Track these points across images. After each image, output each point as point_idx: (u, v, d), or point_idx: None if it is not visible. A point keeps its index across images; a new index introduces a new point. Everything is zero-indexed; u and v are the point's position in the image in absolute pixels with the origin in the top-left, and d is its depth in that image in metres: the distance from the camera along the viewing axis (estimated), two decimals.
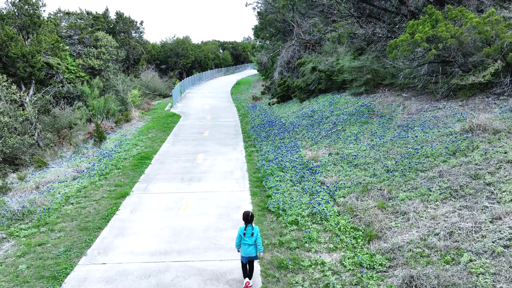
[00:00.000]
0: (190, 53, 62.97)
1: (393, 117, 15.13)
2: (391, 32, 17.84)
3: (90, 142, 20.85)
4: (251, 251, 7.00)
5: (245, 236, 7.00)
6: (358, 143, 13.87)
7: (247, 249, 7.01)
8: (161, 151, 17.67)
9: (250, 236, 6.99)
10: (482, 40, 12.72)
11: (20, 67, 21.74)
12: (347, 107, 18.45)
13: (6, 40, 20.91)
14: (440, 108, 14.18)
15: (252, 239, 6.99)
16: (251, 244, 7.00)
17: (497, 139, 10.59)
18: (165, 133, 21.75)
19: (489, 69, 12.67)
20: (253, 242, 7.00)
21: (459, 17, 13.49)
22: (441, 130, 12.17)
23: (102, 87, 34.47)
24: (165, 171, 14.77)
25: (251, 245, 7.00)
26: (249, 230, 7.02)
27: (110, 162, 15.96)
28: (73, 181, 13.98)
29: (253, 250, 7.02)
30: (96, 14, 37.63)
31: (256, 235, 7.02)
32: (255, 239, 6.99)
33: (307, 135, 16.96)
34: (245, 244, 7.02)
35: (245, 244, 7.02)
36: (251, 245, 7.00)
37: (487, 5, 18.26)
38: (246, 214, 7.10)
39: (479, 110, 12.91)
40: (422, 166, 10.51)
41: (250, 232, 7.00)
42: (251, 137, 19.74)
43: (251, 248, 7.00)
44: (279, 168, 13.80)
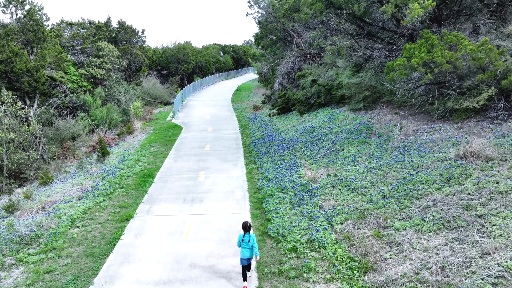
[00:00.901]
0: (191, 59, 63.36)
1: (390, 137, 15.48)
2: (389, 50, 18.19)
3: (94, 156, 21.22)
4: (249, 254, 8.51)
5: (244, 242, 8.49)
6: (356, 164, 14.22)
7: (245, 252, 8.49)
8: (164, 168, 18.03)
9: (247, 242, 8.47)
10: (477, 66, 13.07)
11: (24, 82, 22.13)
12: (345, 124, 18.80)
13: (11, 56, 21.30)
14: (436, 129, 14.52)
15: (250, 244, 8.47)
16: (249, 249, 8.49)
17: (490, 167, 10.94)
18: (167, 147, 22.12)
19: (483, 94, 13.02)
20: (250, 247, 8.50)
21: (454, 42, 13.84)
22: (436, 155, 12.52)
23: (104, 97, 34.87)
24: (167, 190, 15.13)
25: (249, 249, 8.50)
26: (247, 237, 8.50)
27: (113, 180, 16.33)
28: (78, 201, 14.35)
29: (251, 253, 8.53)
30: (98, 24, 38.04)
31: (253, 241, 8.48)
32: (251, 245, 8.47)
33: (307, 153, 17.31)
34: (244, 248, 8.50)
35: (244, 248, 8.50)
36: (249, 249, 8.49)
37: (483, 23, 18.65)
38: (244, 224, 8.56)
39: (473, 134, 13.26)
40: (417, 193, 10.85)
41: (247, 239, 8.48)
42: (252, 152, 20.09)
43: (249, 251, 8.51)
44: (279, 188, 14.15)
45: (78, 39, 34.09)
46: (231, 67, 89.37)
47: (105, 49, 35.33)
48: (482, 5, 18.89)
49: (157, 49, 66.66)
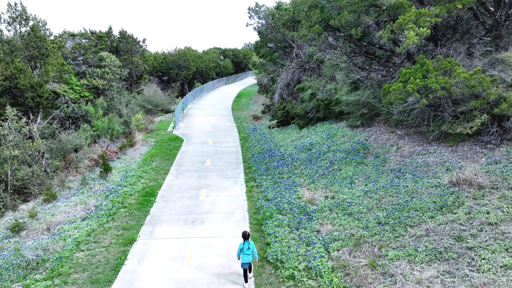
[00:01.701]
0: (191, 64, 63.76)
1: (386, 158, 15.84)
2: (386, 70, 18.54)
3: (96, 171, 21.59)
4: (249, 259, 10.07)
5: (244, 249, 10.00)
6: (353, 187, 14.59)
7: (245, 257, 10.03)
8: (165, 186, 18.40)
9: (247, 249, 10.02)
10: (470, 93, 13.43)
11: (28, 97, 22.52)
12: (343, 142, 19.17)
13: (16, 73, 21.69)
14: (431, 152, 14.89)
15: (249, 251, 10.05)
16: (249, 254, 10.03)
17: (481, 196, 11.31)
18: (169, 162, 22.49)
19: (476, 121, 13.39)
20: (250, 253, 10.07)
21: (449, 68, 14.20)
22: (430, 181, 12.89)
23: (106, 107, 35.26)
24: (169, 210, 15.50)
25: (249, 255, 10.04)
26: (247, 245, 10.04)
27: (116, 199, 16.70)
28: (82, 222, 14.73)
29: (250, 258, 10.08)
30: (100, 33, 38.44)
31: (252, 247, 10.07)
32: (251, 251, 10.06)
33: (305, 171, 17.68)
34: (244, 254, 10.02)
35: (244, 254, 10.02)
36: (248, 255, 10.03)
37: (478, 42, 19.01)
38: (244, 233, 10.16)
39: (467, 159, 13.63)
40: (411, 221, 11.23)
41: (247, 246, 10.03)
42: (252, 168, 20.46)
43: (249, 257, 10.05)
44: (278, 210, 14.52)
45: (80, 49, 34.49)
46: (232, 71, 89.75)
47: (106, 59, 35.73)
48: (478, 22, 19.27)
49: (158, 54, 67.03)
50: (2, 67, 21.51)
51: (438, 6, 15.92)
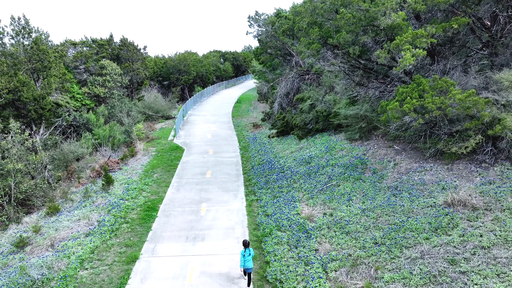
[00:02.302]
0: (192, 69, 64.05)
1: (384, 175, 16.15)
2: (384, 84, 18.84)
3: (98, 183, 21.89)
4: (250, 264, 11.35)
5: (245, 257, 11.27)
6: (350, 204, 14.89)
7: (247, 263, 11.32)
8: (166, 200, 18.70)
9: (248, 255, 11.29)
10: (465, 114, 13.74)
11: (31, 109, 22.82)
12: (342, 156, 19.47)
13: (19, 86, 21.99)
14: (427, 170, 15.20)
15: (250, 257, 11.31)
16: (250, 260, 11.30)
17: (475, 217, 11.62)
18: (170, 173, 22.79)
19: (471, 141, 13.70)
20: (250, 259, 11.35)
21: (445, 88, 14.51)
22: (426, 200, 13.20)
23: (107, 115, 35.54)
24: (170, 226, 15.81)
25: (250, 260, 11.33)
26: (248, 251, 11.35)
27: (119, 214, 17.01)
28: (85, 238, 15.03)
29: (251, 264, 11.39)
30: (101, 41, 38.76)
31: (252, 254, 11.39)
32: (252, 256, 11.38)
33: (304, 186, 17.98)
34: (246, 261, 11.29)
35: (245, 261, 11.29)
36: (249, 261, 11.29)
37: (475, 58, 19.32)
38: (244, 242, 11.48)
39: (462, 178, 13.94)
40: (407, 242, 11.53)
41: (248, 253, 11.33)
42: (252, 181, 20.76)
43: (249, 262, 11.33)
44: (277, 226, 14.82)
45: (81, 58, 34.80)
46: (231, 75, 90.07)
47: (108, 67, 36.04)
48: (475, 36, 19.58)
49: (158, 58, 67.27)
50: (5, 80, 21.82)
51: (434, 25, 16.25)
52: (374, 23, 15.12)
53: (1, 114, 22.52)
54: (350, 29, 15.32)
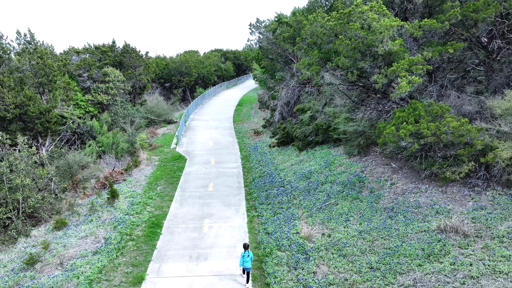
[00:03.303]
0: (193, 71, 64.43)
1: (381, 195, 16.70)
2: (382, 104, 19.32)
3: (103, 196, 22.48)
4: (248, 265, 13.08)
5: (244, 257, 12.98)
6: (348, 225, 15.46)
7: (246, 264, 13.03)
8: (170, 215, 19.30)
9: (247, 257, 13.02)
10: (459, 141, 14.23)
11: (38, 123, 23.36)
12: (340, 173, 20.01)
13: (26, 101, 22.52)
14: (423, 191, 15.74)
15: (249, 258, 13.02)
16: (248, 261, 12.99)
17: (466, 245, 12.18)
18: (173, 186, 23.37)
19: (464, 167, 14.21)
20: (249, 260, 13.04)
21: (440, 113, 15.01)
22: (420, 225, 13.75)
23: (110, 122, 36.09)
24: (174, 244, 16.41)
25: (249, 261, 13.02)
26: (247, 253, 13.02)
27: (124, 230, 17.61)
28: (93, 257, 15.65)
29: (250, 265, 13.09)
30: (104, 48, 39.18)
31: (251, 256, 13.10)
32: (250, 258, 13.05)
33: (304, 203, 18.54)
34: (245, 261, 13.00)
35: (245, 261, 13.00)
36: (248, 262, 12.99)
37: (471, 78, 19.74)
38: (244, 245, 13.18)
39: (455, 201, 14.49)
40: (401, 268, 12.10)
41: (247, 255, 13.03)
42: (253, 195, 21.34)
43: (248, 263, 13.06)
44: (277, 246, 15.40)
45: (84, 66, 35.26)
46: (233, 74, 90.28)
47: (110, 74, 36.50)
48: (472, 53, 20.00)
49: (159, 58, 67.62)
50: (12, 95, 22.34)
51: (431, 48, 16.70)
52: (372, 49, 15.57)
53: (8, 128, 23.08)
54: (348, 55, 15.78)
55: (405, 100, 16.88)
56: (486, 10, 16.50)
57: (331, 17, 16.50)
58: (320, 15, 16.70)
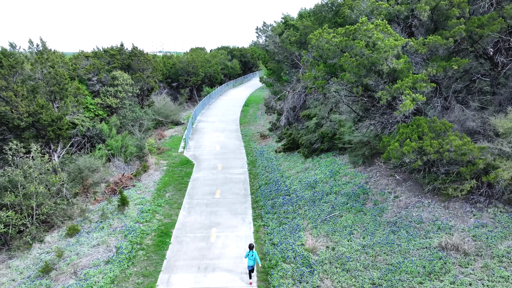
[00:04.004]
0: (200, 70, 64.82)
1: (384, 208, 17.06)
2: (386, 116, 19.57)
3: (114, 202, 23.12)
4: (252, 264, 14.36)
5: (249, 256, 14.21)
6: (351, 239, 15.86)
7: (250, 262, 14.32)
8: (179, 224, 19.86)
9: (251, 256, 14.26)
10: (461, 159, 14.51)
11: (49, 130, 24.01)
12: (345, 183, 20.37)
13: (38, 109, 23.15)
14: (426, 206, 16.06)
15: (253, 257, 14.27)
16: (252, 260, 14.27)
17: (466, 263, 12.54)
18: (181, 193, 23.93)
19: (466, 185, 14.51)
20: (253, 259, 14.29)
21: (443, 130, 15.27)
22: (422, 241, 14.12)
23: (119, 125, 36.71)
24: (183, 254, 16.98)
25: (252, 260, 14.28)
26: (251, 253, 14.23)
27: (135, 239, 18.21)
28: (106, 266, 16.28)
29: (254, 263, 14.36)
30: (113, 51, 39.73)
31: (255, 255, 14.26)
32: (254, 258, 14.26)
33: (309, 214, 18.97)
34: (249, 259, 14.26)
35: (249, 259, 14.26)
36: (252, 260, 14.27)
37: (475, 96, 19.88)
38: (250, 245, 14.43)
39: (457, 217, 14.81)
40: (402, 285, 12.51)
41: (251, 254, 14.25)
42: (259, 203, 21.82)
43: (252, 262, 14.32)
44: (283, 258, 15.88)
45: (94, 70, 35.85)
46: (239, 72, 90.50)
47: (119, 78, 37.05)
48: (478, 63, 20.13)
49: (167, 57, 68.04)
50: (25, 104, 22.98)
51: (435, 64, 16.91)
52: (377, 66, 15.83)
53: (22, 136, 23.76)
54: (353, 71, 16.07)
55: (409, 117, 17.14)
56: (491, 25, 16.64)
57: (336, 34, 16.76)
58: (326, 31, 16.95)
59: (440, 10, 16.70)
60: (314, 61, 18.78)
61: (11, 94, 22.29)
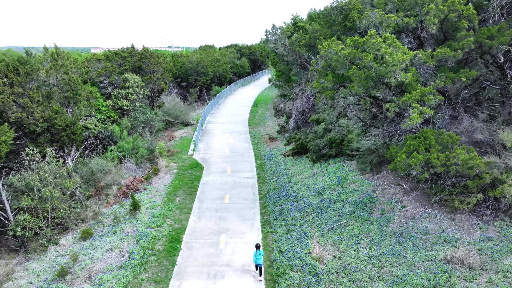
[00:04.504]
0: (209, 70, 65.25)
1: (391, 218, 17.27)
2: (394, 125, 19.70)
3: (126, 205, 23.71)
4: (260, 262, 15.60)
5: (257, 255, 15.53)
6: (358, 249, 16.15)
7: (257, 260, 15.58)
8: (189, 229, 20.35)
9: (259, 255, 15.56)
10: (467, 173, 14.64)
11: (64, 135, 24.67)
12: (353, 191, 20.61)
13: (53, 115, 23.80)
14: (432, 216, 16.24)
15: (260, 256, 15.57)
16: (260, 258, 15.51)
17: (471, 278, 12.75)
18: (191, 197, 24.42)
19: (472, 198, 14.65)
20: (261, 257, 15.57)
21: (450, 142, 15.40)
22: (427, 254, 14.34)
23: (130, 126, 37.37)
24: (193, 260, 17.46)
25: (260, 259, 15.52)
26: (258, 252, 15.56)
27: (146, 245, 18.76)
28: (119, 272, 16.86)
29: (261, 261, 15.67)
30: (124, 53, 40.33)
31: (262, 254, 15.66)
32: (262, 256, 15.61)
33: (316, 221, 19.28)
34: (257, 259, 15.53)
35: (257, 259, 15.54)
36: (260, 259, 15.50)
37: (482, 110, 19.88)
38: (256, 245, 15.81)
39: (463, 230, 14.98)
40: None
41: (259, 253, 15.58)
42: (267, 209, 22.20)
43: (260, 260, 15.56)
44: (290, 266, 16.25)
45: (105, 73, 36.48)
46: (248, 70, 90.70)
47: (130, 80, 37.64)
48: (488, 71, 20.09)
49: (176, 56, 68.51)
50: (41, 110, 23.64)
51: (444, 75, 17.00)
52: (385, 79, 15.99)
53: (37, 140, 24.46)
54: (361, 84, 16.25)
55: (417, 127, 17.26)
56: (501, 37, 16.65)
57: (345, 45, 16.93)
58: (334, 43, 17.12)
59: (449, 21, 16.73)
60: (323, 71, 18.98)
61: (27, 100, 22.96)
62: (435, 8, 15.78)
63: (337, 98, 18.52)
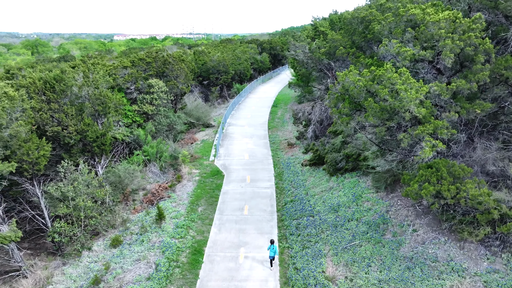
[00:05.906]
0: (230, 69, 66.23)
1: (402, 241, 18.08)
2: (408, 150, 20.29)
3: (152, 213, 25.36)
4: (273, 254, 18.65)
5: (270, 249, 18.55)
6: (369, 272, 17.11)
7: (271, 253, 18.63)
8: (210, 242, 21.78)
9: (272, 249, 18.57)
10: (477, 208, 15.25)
11: (94, 146, 26.41)
12: (367, 210, 21.43)
13: (85, 128, 25.52)
14: (442, 243, 16.96)
15: (273, 250, 18.60)
16: (274, 252, 18.56)
17: None
18: (212, 207, 25.83)
19: (481, 231, 15.29)
20: (274, 251, 18.59)
21: (462, 175, 15.98)
22: (435, 282, 15.17)
23: (154, 131, 39.06)
24: (214, 274, 18.87)
25: (273, 252, 18.56)
26: (272, 247, 18.58)
27: (171, 256, 20.30)
28: (147, 283, 18.47)
29: (273, 254, 18.65)
30: (149, 59, 41.79)
31: (275, 249, 18.74)
32: (275, 250, 18.62)
33: (330, 239, 20.28)
34: (270, 251, 18.55)
35: (270, 251, 18.55)
36: (273, 251, 18.55)
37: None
38: (271, 240, 18.79)
39: (471, 260, 15.68)
40: None
41: (273, 248, 18.58)
42: (284, 223, 23.34)
43: (273, 252, 18.61)
44: (304, 285, 17.41)
45: (131, 79, 38.09)
46: (268, 66, 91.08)
47: (155, 86, 39.15)
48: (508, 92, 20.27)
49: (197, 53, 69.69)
50: (74, 123, 25.38)
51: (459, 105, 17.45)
52: (399, 113, 16.61)
53: (71, 151, 26.32)
54: (376, 115, 16.94)
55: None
56: None
57: (361, 76, 17.56)
58: (352, 73, 17.78)
59: (466, 54, 17.06)
60: (340, 96, 19.68)
61: (63, 116, 24.70)
62: (451, 43, 16.17)
63: (353, 125, 19.25)
